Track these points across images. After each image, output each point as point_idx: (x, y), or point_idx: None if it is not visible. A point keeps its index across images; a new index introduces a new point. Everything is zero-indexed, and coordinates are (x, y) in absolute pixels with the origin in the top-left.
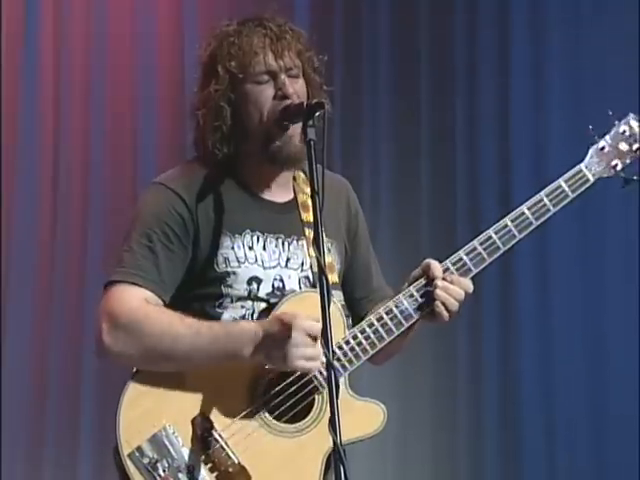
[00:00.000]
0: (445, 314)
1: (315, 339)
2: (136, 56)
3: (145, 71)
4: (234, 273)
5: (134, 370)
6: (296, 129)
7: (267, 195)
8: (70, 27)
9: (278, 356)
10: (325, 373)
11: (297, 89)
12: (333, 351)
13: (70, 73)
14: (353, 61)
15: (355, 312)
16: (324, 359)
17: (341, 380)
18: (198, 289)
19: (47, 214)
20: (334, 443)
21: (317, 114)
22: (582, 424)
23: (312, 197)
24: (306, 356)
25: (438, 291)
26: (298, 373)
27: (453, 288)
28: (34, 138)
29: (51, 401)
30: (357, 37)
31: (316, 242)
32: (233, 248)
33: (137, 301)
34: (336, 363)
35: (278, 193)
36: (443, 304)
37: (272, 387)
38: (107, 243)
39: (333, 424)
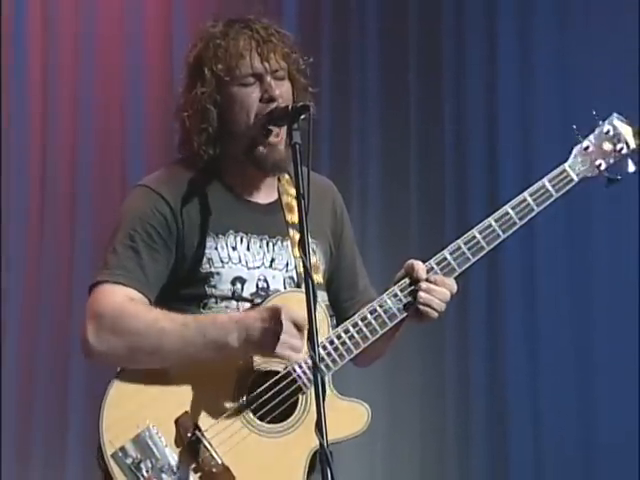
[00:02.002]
0: (432, 314)
1: (301, 331)
2: (124, 56)
3: (133, 71)
4: (218, 274)
5: (118, 370)
6: (281, 134)
7: (251, 196)
8: (58, 27)
9: (265, 342)
10: (309, 373)
11: (283, 91)
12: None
13: (58, 73)
14: (341, 64)
15: (341, 314)
16: (307, 356)
17: (325, 380)
18: (182, 290)
19: (35, 214)
20: (321, 445)
21: (302, 117)
22: (570, 421)
23: (297, 200)
24: (292, 346)
25: (423, 293)
26: (282, 373)
27: (438, 289)
28: (22, 138)
29: (39, 401)
30: (345, 41)
31: (302, 245)
32: (217, 249)
33: (120, 298)
34: (320, 363)
35: (262, 194)
36: (428, 306)
37: (256, 387)
38: (95, 242)
39: (320, 426)
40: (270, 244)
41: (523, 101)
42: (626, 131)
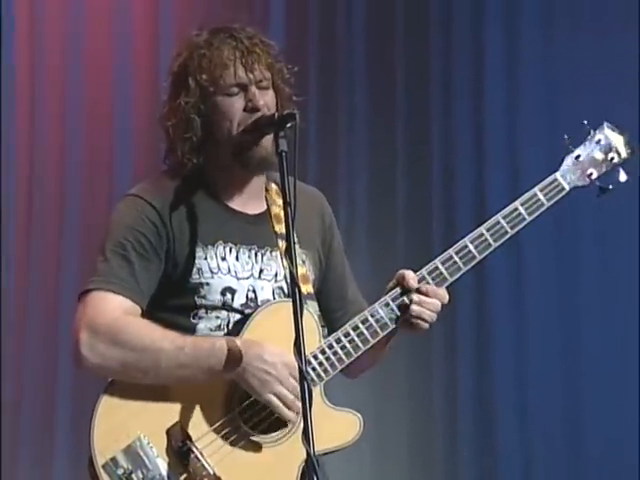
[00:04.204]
0: (423, 325)
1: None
2: (112, 56)
3: (121, 71)
4: (207, 284)
5: (109, 380)
6: (268, 138)
7: (239, 207)
8: (45, 27)
9: (262, 385)
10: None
11: (267, 101)
12: (308, 360)
13: (46, 73)
14: (328, 85)
15: (330, 324)
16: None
17: (317, 389)
18: (171, 300)
19: (23, 214)
20: (307, 454)
21: (288, 125)
22: (558, 426)
23: (284, 207)
24: (283, 397)
25: (414, 306)
26: None
27: (429, 301)
28: (10, 138)
29: (26, 401)
30: (332, 63)
31: (288, 253)
32: (206, 259)
33: (117, 311)
34: (312, 372)
35: (250, 205)
36: (420, 318)
37: (247, 397)
38: (83, 243)
39: (306, 435)
40: (259, 255)
41: (510, 120)
42: (617, 140)
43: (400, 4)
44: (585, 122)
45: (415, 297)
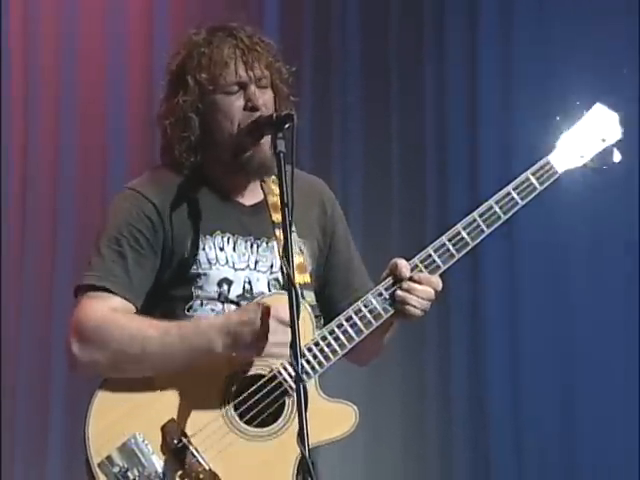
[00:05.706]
0: (412, 312)
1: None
2: (106, 56)
3: (115, 71)
4: (205, 274)
5: (102, 378)
6: (267, 139)
7: (236, 197)
8: (39, 27)
9: (254, 344)
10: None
11: (266, 100)
12: (302, 354)
13: (40, 73)
14: (322, 83)
15: (336, 314)
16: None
17: (312, 382)
18: (169, 291)
19: (17, 214)
20: (302, 454)
21: (287, 126)
22: (551, 428)
23: (282, 209)
24: (281, 344)
25: (400, 292)
26: (267, 377)
27: (420, 288)
28: (4, 138)
29: (21, 401)
30: (326, 62)
31: (285, 255)
32: (204, 249)
33: (103, 310)
34: (306, 365)
35: (248, 195)
36: (407, 304)
37: (242, 392)
38: (77, 242)
39: (301, 435)
40: (255, 246)
41: (505, 118)
42: (610, 120)
43: (395, 4)
44: (577, 103)
45: (405, 285)
